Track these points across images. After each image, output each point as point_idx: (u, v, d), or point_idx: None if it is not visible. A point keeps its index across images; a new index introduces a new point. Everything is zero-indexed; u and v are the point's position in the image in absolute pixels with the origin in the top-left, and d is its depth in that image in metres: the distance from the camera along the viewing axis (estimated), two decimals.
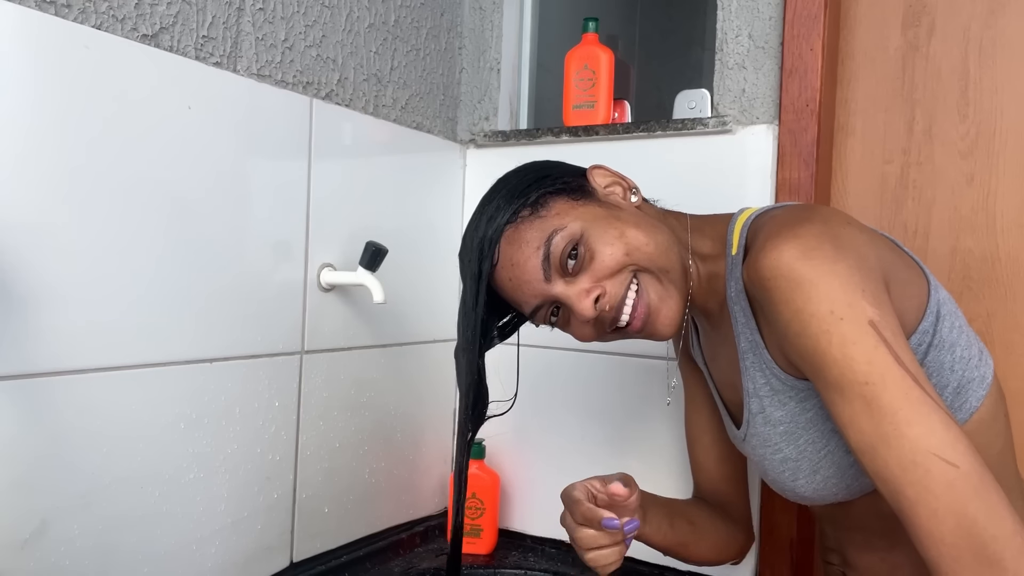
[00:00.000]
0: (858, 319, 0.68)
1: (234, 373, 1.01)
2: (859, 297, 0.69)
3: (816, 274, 0.70)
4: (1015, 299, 1.13)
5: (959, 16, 1.16)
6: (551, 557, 1.28)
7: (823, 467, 0.81)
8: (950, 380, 0.77)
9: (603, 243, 0.80)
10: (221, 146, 0.99)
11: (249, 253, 1.03)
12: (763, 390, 0.82)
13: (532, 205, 0.82)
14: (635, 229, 0.82)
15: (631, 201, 0.87)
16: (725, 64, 1.22)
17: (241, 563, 1.04)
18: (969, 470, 0.64)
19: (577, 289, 0.81)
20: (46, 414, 0.82)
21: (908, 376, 0.67)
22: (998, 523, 0.63)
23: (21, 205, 0.79)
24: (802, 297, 0.70)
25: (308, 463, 1.13)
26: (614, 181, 0.88)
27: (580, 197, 0.84)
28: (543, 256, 0.81)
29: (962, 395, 0.78)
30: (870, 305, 0.69)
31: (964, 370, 0.78)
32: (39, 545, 0.82)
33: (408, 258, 1.28)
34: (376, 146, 1.25)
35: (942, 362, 0.77)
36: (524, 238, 0.82)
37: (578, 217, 0.82)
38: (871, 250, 0.75)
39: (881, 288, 0.72)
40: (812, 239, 0.72)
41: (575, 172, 0.89)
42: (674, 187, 1.24)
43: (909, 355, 0.69)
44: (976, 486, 0.64)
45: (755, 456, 0.89)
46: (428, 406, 1.36)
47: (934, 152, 1.17)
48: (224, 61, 1.00)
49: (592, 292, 0.81)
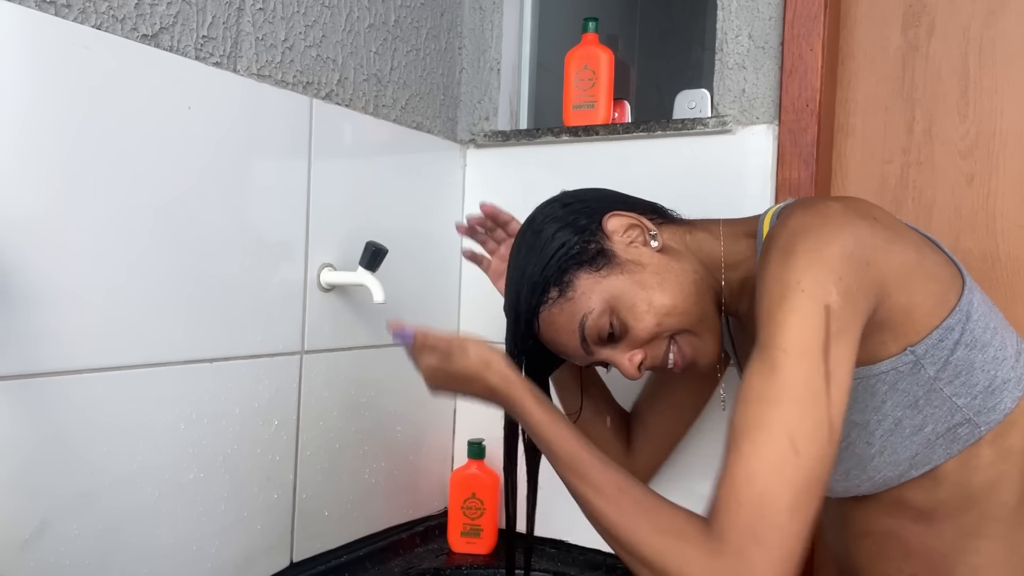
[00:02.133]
0: (817, 298, 0.69)
1: (234, 373, 1.01)
2: (831, 282, 0.70)
3: (803, 249, 0.72)
4: (1015, 299, 1.13)
5: (959, 16, 1.16)
6: (551, 557, 1.28)
7: (845, 458, 0.81)
8: (980, 379, 0.77)
9: (633, 317, 0.83)
10: (221, 146, 0.99)
11: (249, 253, 1.03)
12: None
13: (559, 286, 0.85)
14: (661, 293, 0.83)
15: (653, 247, 0.87)
16: (725, 64, 1.22)
17: (241, 563, 1.04)
18: (805, 466, 0.65)
19: (620, 355, 0.86)
20: (46, 414, 0.82)
21: (823, 369, 0.68)
22: (790, 518, 0.64)
23: (21, 205, 0.79)
24: (781, 264, 0.72)
25: (308, 463, 1.13)
26: (630, 225, 0.87)
27: (602, 266, 0.85)
28: (580, 339, 0.85)
29: (995, 395, 0.77)
30: (837, 293, 0.70)
31: (996, 370, 0.77)
32: (39, 545, 0.82)
33: (408, 258, 1.28)
34: (376, 146, 1.25)
35: (972, 361, 0.76)
36: (558, 323, 0.86)
37: (604, 293, 0.84)
38: (880, 248, 0.74)
39: (864, 285, 0.72)
40: (818, 218, 0.74)
41: (592, 220, 0.87)
42: (674, 187, 1.24)
43: (843, 356, 0.69)
44: (799, 480, 0.65)
45: None
46: (428, 406, 1.36)
47: (934, 152, 1.17)
48: (224, 61, 1.00)
49: (635, 358, 0.85)
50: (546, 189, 1.35)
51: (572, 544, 1.30)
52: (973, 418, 0.76)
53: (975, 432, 0.76)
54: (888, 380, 0.76)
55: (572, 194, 0.93)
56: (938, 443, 0.77)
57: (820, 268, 0.71)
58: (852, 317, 0.70)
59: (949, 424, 0.76)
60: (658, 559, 0.67)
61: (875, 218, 0.76)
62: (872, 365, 0.76)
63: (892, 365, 0.75)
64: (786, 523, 0.64)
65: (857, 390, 0.77)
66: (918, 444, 0.77)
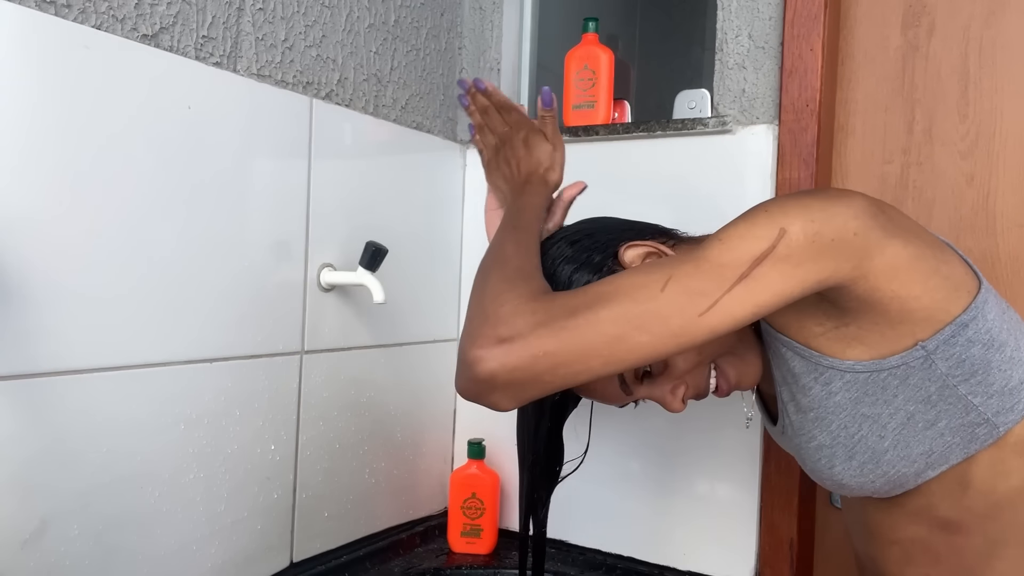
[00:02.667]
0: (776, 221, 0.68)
1: (234, 373, 1.01)
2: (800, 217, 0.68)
3: (790, 196, 0.72)
4: (1015, 299, 1.13)
5: (959, 16, 1.16)
6: (551, 557, 1.28)
7: (858, 452, 0.80)
8: (997, 379, 0.75)
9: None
10: (221, 146, 0.99)
11: (249, 253, 1.03)
12: (788, 377, 0.82)
13: None
14: None
15: None
16: (725, 64, 1.22)
17: (241, 563, 1.04)
18: (657, 305, 0.67)
19: (662, 391, 0.83)
20: (46, 414, 0.82)
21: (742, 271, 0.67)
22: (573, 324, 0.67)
23: (21, 205, 0.79)
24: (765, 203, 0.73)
25: (308, 463, 1.13)
26: (648, 253, 0.83)
27: None
28: (619, 381, 0.82)
29: (1013, 395, 0.75)
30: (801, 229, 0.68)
31: (1013, 370, 0.76)
32: (39, 545, 0.82)
33: (408, 258, 1.28)
34: (376, 146, 1.25)
35: (989, 360, 0.75)
36: None
37: None
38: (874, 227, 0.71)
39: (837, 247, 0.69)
40: (819, 192, 0.74)
41: (606, 255, 0.84)
42: (674, 187, 1.25)
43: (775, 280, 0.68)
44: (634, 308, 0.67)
45: (792, 448, 0.88)
46: (428, 406, 1.36)
47: (934, 152, 1.17)
48: (224, 61, 1.00)
49: (677, 391, 0.82)
50: None
51: (572, 544, 1.30)
52: (991, 418, 0.75)
53: (994, 432, 0.75)
54: (899, 375, 0.75)
55: (576, 229, 0.89)
56: (954, 441, 0.76)
57: (795, 206, 0.69)
58: (808, 262, 0.68)
59: (963, 421, 0.75)
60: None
61: (882, 209, 0.74)
62: (882, 360, 0.75)
63: (903, 360, 0.75)
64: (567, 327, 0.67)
65: (868, 384, 0.76)
66: (931, 439, 0.76)
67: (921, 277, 0.73)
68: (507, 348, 0.67)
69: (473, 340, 0.70)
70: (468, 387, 0.70)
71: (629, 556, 1.26)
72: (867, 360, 0.75)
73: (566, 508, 1.29)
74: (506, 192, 0.99)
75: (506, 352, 0.67)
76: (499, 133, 1.02)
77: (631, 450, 1.27)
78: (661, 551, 1.24)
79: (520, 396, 0.69)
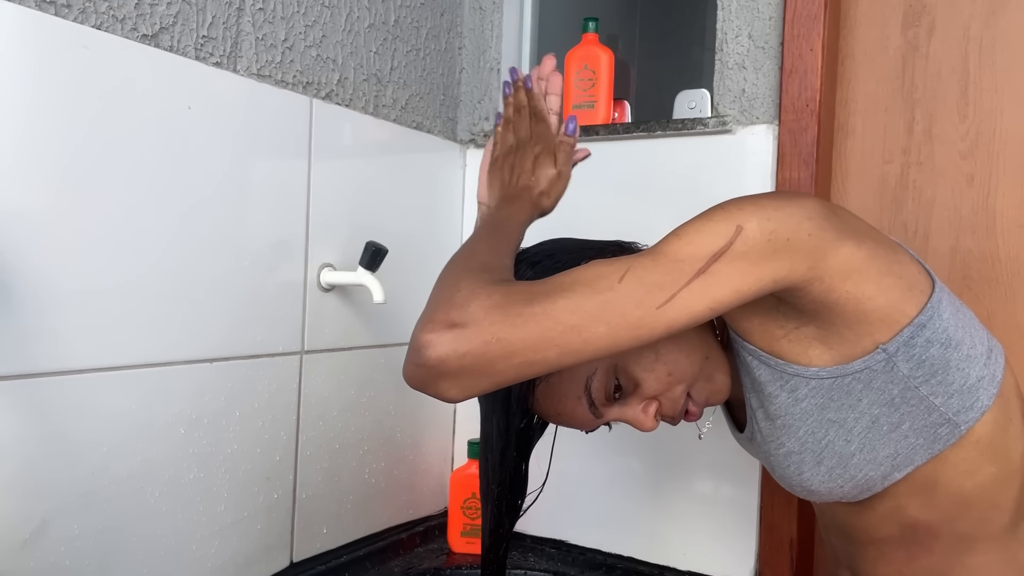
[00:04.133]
0: (732, 219, 0.67)
1: (234, 373, 1.01)
2: (757, 215, 0.68)
3: (744, 198, 0.71)
4: (1015, 299, 1.13)
5: (959, 16, 1.16)
6: (551, 557, 1.28)
7: (826, 457, 0.81)
8: (955, 378, 0.76)
9: (642, 369, 0.80)
10: (221, 146, 0.99)
11: (249, 253, 1.03)
12: (756, 384, 0.82)
13: None
14: (666, 340, 0.78)
15: None
16: (725, 64, 1.22)
17: (241, 563, 1.04)
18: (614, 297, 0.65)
19: (633, 411, 0.81)
20: (46, 414, 0.82)
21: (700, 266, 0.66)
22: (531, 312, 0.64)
23: (22, 205, 0.79)
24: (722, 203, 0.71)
25: (308, 463, 1.13)
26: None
27: None
28: (588, 403, 0.80)
29: (971, 394, 0.76)
30: (758, 227, 0.67)
31: (971, 368, 0.77)
32: (39, 545, 0.82)
33: (408, 258, 1.28)
34: (376, 146, 1.25)
35: (947, 360, 0.76)
36: (560, 392, 0.81)
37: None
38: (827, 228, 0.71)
39: (792, 247, 0.69)
40: (774, 194, 0.73)
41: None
42: (674, 187, 1.25)
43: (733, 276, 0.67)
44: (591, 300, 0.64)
45: (761, 455, 0.88)
46: (428, 406, 1.36)
47: (934, 152, 1.17)
48: (224, 61, 1.00)
49: (649, 409, 0.81)
50: None
51: (572, 544, 1.30)
52: (952, 418, 0.76)
53: (956, 432, 0.76)
54: (863, 379, 0.75)
55: (536, 251, 0.87)
56: (918, 442, 0.77)
57: (751, 206, 0.69)
58: (764, 260, 0.67)
59: (926, 422, 0.76)
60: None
61: (835, 212, 0.75)
62: (846, 364, 0.76)
63: (865, 364, 0.75)
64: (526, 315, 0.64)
65: (833, 389, 0.77)
66: (896, 441, 0.77)
67: (875, 277, 0.73)
68: (458, 332, 0.65)
69: (424, 324, 0.67)
70: (415, 373, 0.67)
71: (629, 556, 1.26)
72: (831, 366, 0.75)
73: (566, 508, 1.29)
74: (495, 196, 0.97)
75: (456, 336, 0.64)
76: (519, 136, 0.99)
77: (631, 450, 1.27)
78: (661, 551, 1.24)
79: (470, 386, 0.66)
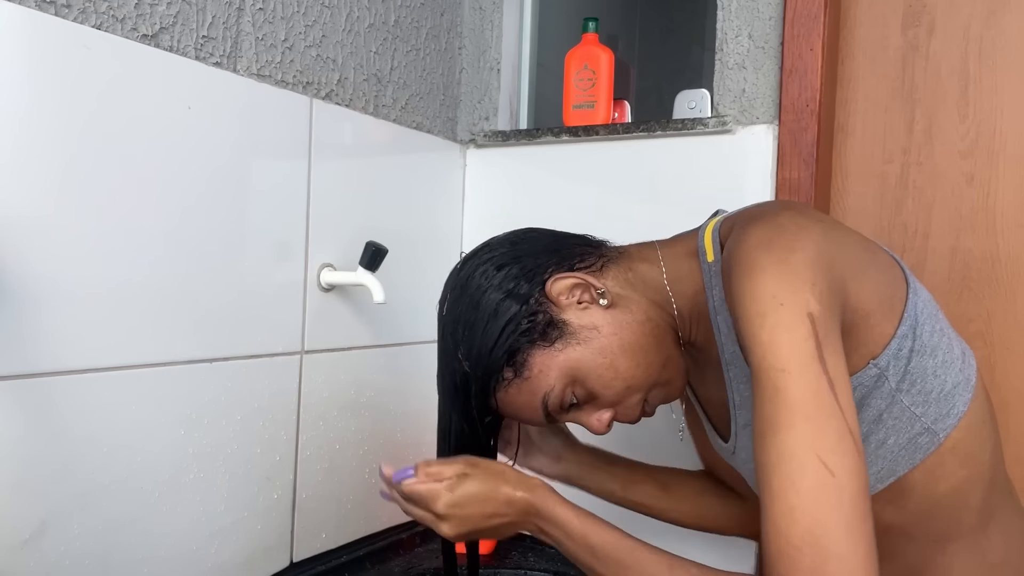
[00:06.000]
0: (798, 308, 0.67)
1: (234, 373, 1.01)
2: (806, 289, 0.68)
3: (769, 261, 0.69)
4: (1015, 299, 1.13)
5: (959, 16, 1.16)
6: (551, 557, 1.28)
7: None
8: (934, 386, 0.76)
9: (600, 384, 0.80)
10: (221, 146, 0.99)
11: (249, 253, 1.03)
12: (746, 401, 0.81)
13: (512, 367, 0.80)
14: (624, 357, 0.80)
15: (602, 305, 0.81)
16: (725, 64, 1.22)
17: (241, 563, 1.04)
18: (844, 483, 0.62)
19: (588, 416, 0.83)
20: (46, 414, 0.82)
21: (824, 377, 0.65)
22: (851, 545, 0.61)
23: (22, 205, 0.79)
24: (751, 282, 0.69)
25: (308, 463, 1.13)
26: (574, 286, 0.81)
27: (555, 339, 0.79)
28: (544, 414, 0.81)
29: (949, 400, 0.76)
30: (814, 299, 0.67)
31: (947, 374, 0.76)
32: (39, 545, 0.82)
33: (408, 258, 1.28)
34: (376, 146, 1.25)
35: (925, 367, 0.76)
36: (517, 402, 0.81)
37: (563, 367, 0.79)
38: (835, 249, 0.73)
39: (834, 288, 0.70)
40: (773, 229, 0.72)
41: (533, 285, 0.82)
42: (674, 187, 1.25)
43: (837, 360, 0.67)
44: (844, 501, 0.62)
45: (746, 468, 0.88)
46: (428, 406, 1.35)
47: (934, 152, 1.17)
48: (224, 61, 1.00)
49: (603, 417, 0.82)
50: (546, 189, 1.36)
51: None
52: (931, 426, 0.75)
53: (935, 440, 0.75)
54: (855, 397, 0.73)
55: (502, 252, 0.85)
56: (900, 455, 0.76)
57: (792, 277, 0.68)
58: (832, 320, 0.68)
59: (910, 435, 0.75)
60: None
61: (820, 220, 0.76)
62: None
63: (859, 381, 0.74)
64: (848, 551, 0.60)
65: None
66: (882, 458, 0.77)
67: (872, 285, 0.75)
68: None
69: None
70: None
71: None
72: None
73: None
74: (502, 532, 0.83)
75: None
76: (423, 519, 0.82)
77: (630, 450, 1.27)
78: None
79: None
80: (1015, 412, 1.14)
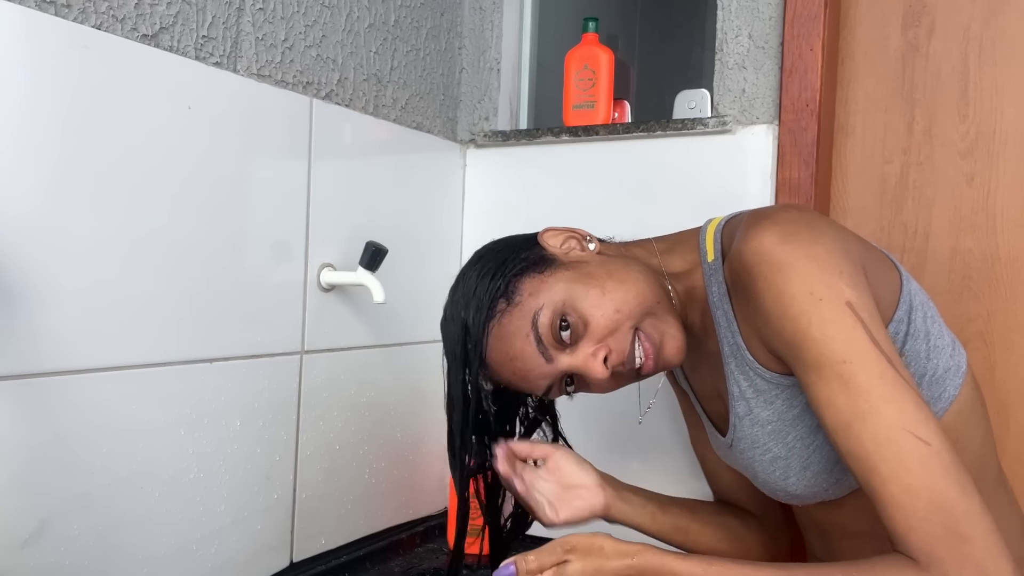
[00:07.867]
0: (836, 299, 0.70)
1: (234, 373, 1.01)
2: (837, 278, 0.71)
3: (795, 257, 0.72)
4: (1015, 299, 1.13)
5: (959, 16, 1.16)
6: None
7: (813, 462, 0.81)
8: (927, 368, 0.79)
9: (590, 305, 0.80)
10: (221, 146, 0.99)
11: (249, 253, 1.03)
12: (748, 392, 0.82)
13: (505, 295, 0.81)
14: (612, 280, 0.81)
15: (591, 250, 0.85)
16: (725, 64, 1.22)
17: (241, 563, 1.04)
18: (940, 448, 0.66)
19: (583, 356, 0.80)
20: (46, 414, 0.82)
21: (883, 356, 0.69)
22: (968, 501, 0.65)
23: (21, 205, 0.79)
24: (783, 279, 0.72)
25: (308, 463, 1.13)
26: (567, 237, 0.86)
27: (545, 268, 0.82)
28: (536, 340, 0.80)
29: (940, 384, 0.79)
30: (848, 286, 0.71)
31: (939, 359, 0.79)
32: (39, 545, 0.82)
33: (408, 258, 1.28)
34: (376, 146, 1.25)
35: (918, 351, 0.78)
36: (510, 330, 0.81)
37: (552, 289, 0.80)
38: (846, 236, 0.77)
39: (859, 271, 0.73)
40: (790, 224, 0.74)
41: (528, 243, 0.86)
42: (674, 187, 1.25)
43: (884, 337, 0.70)
44: (947, 464, 0.66)
45: (743, 460, 0.88)
46: (428, 406, 1.36)
47: (934, 152, 1.17)
48: (224, 61, 1.00)
49: (599, 353, 0.80)
50: (546, 189, 1.36)
51: None
52: None
53: None
54: None
55: (480, 265, 0.87)
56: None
57: (822, 271, 0.71)
58: (868, 297, 0.72)
59: None
60: None
61: (821, 216, 0.80)
62: None
63: None
64: (971, 507, 0.65)
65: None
66: None
67: (875, 274, 0.77)
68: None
69: None
70: None
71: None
72: None
73: None
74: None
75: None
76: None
77: (629, 449, 1.27)
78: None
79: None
80: (1015, 412, 1.14)
